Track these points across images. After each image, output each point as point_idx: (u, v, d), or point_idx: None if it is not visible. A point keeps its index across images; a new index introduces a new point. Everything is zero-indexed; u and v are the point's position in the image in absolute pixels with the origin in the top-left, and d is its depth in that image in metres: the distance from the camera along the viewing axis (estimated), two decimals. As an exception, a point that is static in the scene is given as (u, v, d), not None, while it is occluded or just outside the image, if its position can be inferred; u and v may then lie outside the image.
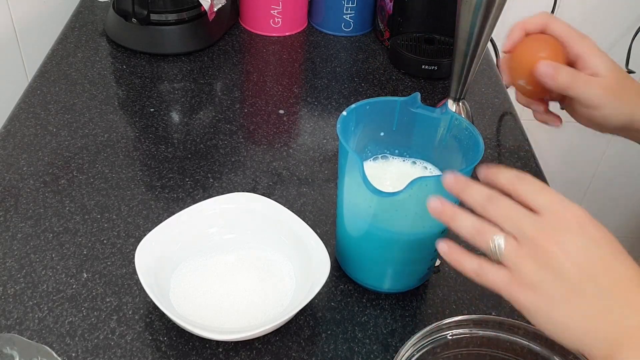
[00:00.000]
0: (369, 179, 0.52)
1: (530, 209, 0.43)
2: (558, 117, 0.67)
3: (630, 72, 1.25)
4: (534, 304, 0.42)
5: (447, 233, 0.66)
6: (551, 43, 0.62)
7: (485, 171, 0.47)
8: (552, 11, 1.13)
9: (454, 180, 0.46)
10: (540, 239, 0.41)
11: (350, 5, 1.04)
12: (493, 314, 0.63)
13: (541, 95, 0.66)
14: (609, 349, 0.39)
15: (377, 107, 0.61)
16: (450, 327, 0.54)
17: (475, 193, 0.44)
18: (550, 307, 0.41)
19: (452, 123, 0.60)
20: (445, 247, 0.46)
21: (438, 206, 0.46)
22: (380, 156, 0.65)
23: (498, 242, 0.43)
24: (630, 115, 0.60)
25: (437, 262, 0.67)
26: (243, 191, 0.71)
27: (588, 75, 0.60)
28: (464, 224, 0.45)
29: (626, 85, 0.61)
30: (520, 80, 0.64)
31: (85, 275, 0.63)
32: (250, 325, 0.57)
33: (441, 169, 0.64)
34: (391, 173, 0.64)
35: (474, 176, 0.43)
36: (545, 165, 0.85)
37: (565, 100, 0.65)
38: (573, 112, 0.65)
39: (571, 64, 0.62)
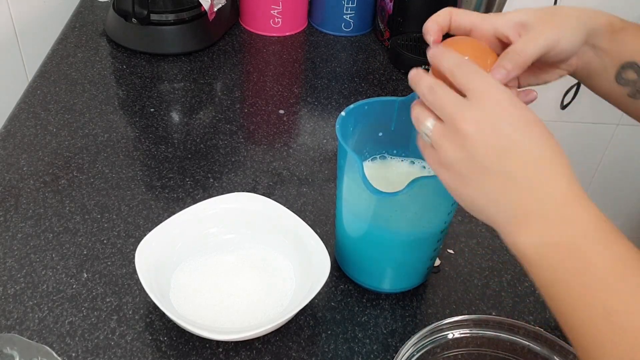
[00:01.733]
0: (368, 179, 0.52)
1: (464, 94, 0.44)
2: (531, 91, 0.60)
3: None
4: (449, 181, 0.44)
5: (447, 232, 0.66)
6: (470, 46, 0.50)
7: (434, 50, 0.47)
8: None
9: (412, 74, 0.46)
10: (460, 120, 0.42)
11: (350, 5, 1.04)
12: (493, 314, 0.63)
13: None
14: (510, 228, 0.41)
15: (375, 108, 0.61)
16: (450, 327, 0.54)
17: (422, 84, 0.45)
18: (461, 184, 0.43)
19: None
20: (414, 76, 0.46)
21: (414, 75, 0.46)
22: (378, 156, 0.65)
23: (427, 125, 0.45)
24: (584, 33, 0.53)
25: (437, 262, 0.67)
26: (243, 191, 0.71)
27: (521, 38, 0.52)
28: (412, 111, 0.47)
29: (550, 11, 0.53)
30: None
31: (86, 275, 0.63)
32: (250, 325, 0.57)
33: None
34: (390, 173, 0.64)
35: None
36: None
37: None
38: (539, 75, 0.57)
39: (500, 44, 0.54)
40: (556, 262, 0.39)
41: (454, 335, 0.54)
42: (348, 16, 1.05)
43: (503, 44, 0.50)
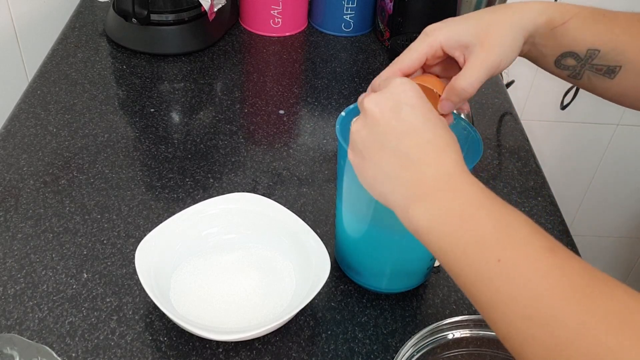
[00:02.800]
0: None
1: None
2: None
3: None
4: (354, 162, 0.48)
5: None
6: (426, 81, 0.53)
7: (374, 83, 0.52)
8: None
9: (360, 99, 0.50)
10: (366, 102, 0.46)
11: (350, 5, 1.04)
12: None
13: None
14: (405, 204, 0.44)
15: (377, 108, 0.60)
16: (450, 327, 0.54)
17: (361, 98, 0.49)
18: (363, 164, 0.47)
19: (452, 123, 0.60)
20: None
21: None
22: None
23: (351, 127, 0.48)
24: (523, 40, 0.54)
25: (437, 262, 0.67)
26: (243, 191, 0.71)
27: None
28: None
29: (491, 27, 0.53)
30: None
31: (86, 276, 0.63)
32: (250, 326, 0.57)
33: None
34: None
35: (473, 173, 0.44)
36: (545, 166, 0.85)
37: None
38: None
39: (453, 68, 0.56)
40: (449, 229, 0.41)
41: (454, 335, 0.54)
42: (348, 16, 1.05)
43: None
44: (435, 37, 0.53)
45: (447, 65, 0.55)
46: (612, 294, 0.35)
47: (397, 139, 0.44)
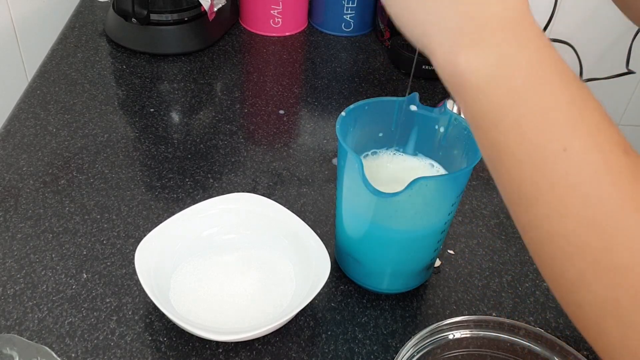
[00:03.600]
0: (368, 175, 0.52)
1: None
2: None
3: (630, 72, 1.25)
4: (394, 5, 0.37)
5: (447, 232, 0.66)
6: None
7: None
8: (552, 11, 1.13)
9: None
10: None
11: (350, 5, 1.04)
12: (493, 314, 0.63)
13: None
14: (457, 41, 0.34)
15: (375, 108, 0.61)
16: (450, 327, 0.54)
17: None
18: (405, 7, 0.36)
19: (452, 123, 0.60)
20: None
21: None
22: (370, 153, 0.65)
23: None
24: None
25: (438, 263, 0.67)
26: (243, 191, 0.71)
27: None
28: None
29: None
30: None
31: (85, 276, 0.63)
32: (250, 326, 0.57)
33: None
34: (388, 169, 0.64)
35: (473, 176, 0.43)
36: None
37: None
38: None
39: None
40: (510, 90, 0.33)
41: (454, 336, 0.54)
42: (348, 16, 1.05)
43: None
44: None
45: None
46: None
47: None
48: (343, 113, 0.57)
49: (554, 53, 0.34)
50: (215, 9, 0.96)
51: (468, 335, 0.55)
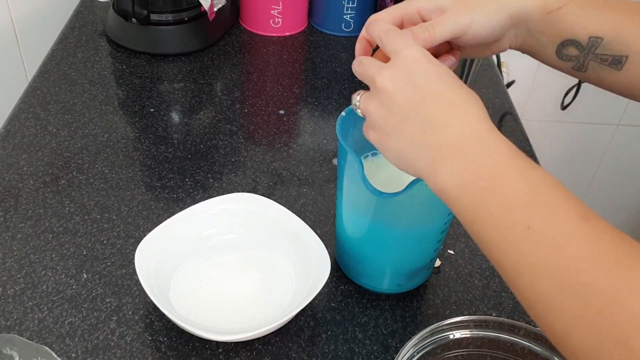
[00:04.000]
0: (368, 175, 0.52)
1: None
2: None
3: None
4: (376, 140, 0.46)
5: (447, 232, 0.66)
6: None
7: (367, 25, 0.51)
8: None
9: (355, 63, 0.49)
10: (378, 80, 0.45)
11: (350, 5, 1.04)
12: (494, 314, 0.63)
13: None
14: (431, 166, 0.42)
15: (377, 108, 0.60)
16: (450, 327, 0.54)
17: (354, 62, 0.49)
18: (386, 140, 0.45)
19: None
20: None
21: (355, 68, 0.49)
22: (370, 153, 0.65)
23: (356, 98, 0.48)
24: (504, 16, 0.52)
25: (438, 263, 0.67)
26: (243, 191, 0.71)
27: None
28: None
29: None
30: None
31: (85, 276, 0.63)
32: (250, 326, 0.57)
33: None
34: (388, 169, 0.64)
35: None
36: (546, 166, 0.84)
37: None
38: (475, 51, 0.57)
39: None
40: (477, 191, 0.40)
41: (454, 336, 0.54)
42: (348, 16, 1.05)
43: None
44: (414, 1, 0.52)
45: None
46: None
47: (416, 108, 0.43)
48: (343, 113, 0.57)
49: (511, 149, 0.41)
50: (215, 9, 0.96)
51: (468, 335, 0.55)
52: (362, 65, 0.47)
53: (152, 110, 0.86)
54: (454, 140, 0.42)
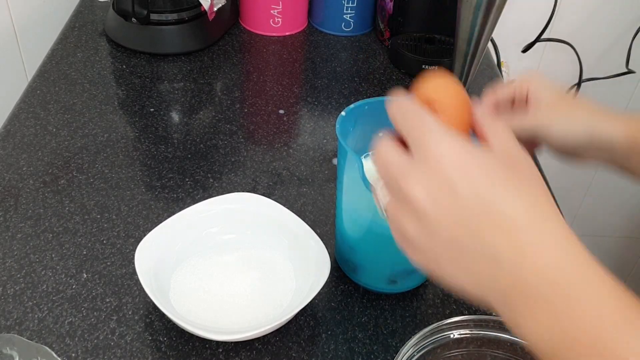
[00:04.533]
0: (368, 175, 0.52)
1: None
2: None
3: (630, 72, 1.25)
4: (424, 264, 0.37)
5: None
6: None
7: (390, 107, 0.40)
8: (552, 12, 1.13)
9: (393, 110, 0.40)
10: (405, 187, 0.36)
11: (350, 5, 1.04)
12: (494, 314, 0.63)
13: None
14: (507, 310, 0.34)
15: (375, 107, 0.60)
16: (451, 327, 0.54)
17: (377, 145, 0.40)
18: (436, 266, 0.37)
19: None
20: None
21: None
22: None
23: (380, 202, 0.39)
24: (586, 132, 0.56)
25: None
26: (243, 191, 0.71)
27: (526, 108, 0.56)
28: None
29: (569, 100, 0.57)
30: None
31: (85, 276, 0.63)
32: (250, 326, 0.57)
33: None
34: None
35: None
36: (546, 166, 0.84)
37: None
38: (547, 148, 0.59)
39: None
40: (566, 347, 0.32)
41: (454, 335, 0.54)
42: (348, 16, 1.05)
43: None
44: (530, 79, 0.55)
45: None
46: None
47: (469, 231, 0.34)
48: (343, 113, 0.57)
49: (626, 303, 0.32)
50: (215, 9, 0.96)
51: (468, 335, 0.55)
52: (378, 156, 0.39)
53: (152, 110, 0.86)
54: (534, 278, 0.33)
